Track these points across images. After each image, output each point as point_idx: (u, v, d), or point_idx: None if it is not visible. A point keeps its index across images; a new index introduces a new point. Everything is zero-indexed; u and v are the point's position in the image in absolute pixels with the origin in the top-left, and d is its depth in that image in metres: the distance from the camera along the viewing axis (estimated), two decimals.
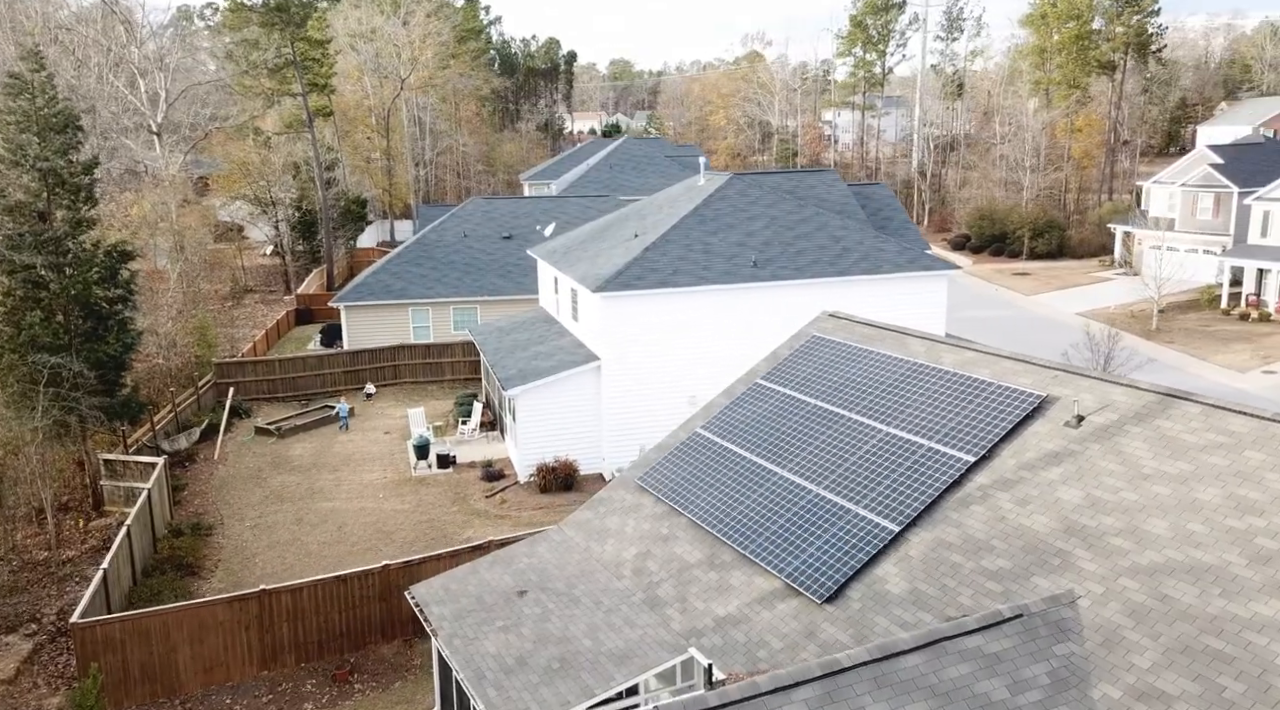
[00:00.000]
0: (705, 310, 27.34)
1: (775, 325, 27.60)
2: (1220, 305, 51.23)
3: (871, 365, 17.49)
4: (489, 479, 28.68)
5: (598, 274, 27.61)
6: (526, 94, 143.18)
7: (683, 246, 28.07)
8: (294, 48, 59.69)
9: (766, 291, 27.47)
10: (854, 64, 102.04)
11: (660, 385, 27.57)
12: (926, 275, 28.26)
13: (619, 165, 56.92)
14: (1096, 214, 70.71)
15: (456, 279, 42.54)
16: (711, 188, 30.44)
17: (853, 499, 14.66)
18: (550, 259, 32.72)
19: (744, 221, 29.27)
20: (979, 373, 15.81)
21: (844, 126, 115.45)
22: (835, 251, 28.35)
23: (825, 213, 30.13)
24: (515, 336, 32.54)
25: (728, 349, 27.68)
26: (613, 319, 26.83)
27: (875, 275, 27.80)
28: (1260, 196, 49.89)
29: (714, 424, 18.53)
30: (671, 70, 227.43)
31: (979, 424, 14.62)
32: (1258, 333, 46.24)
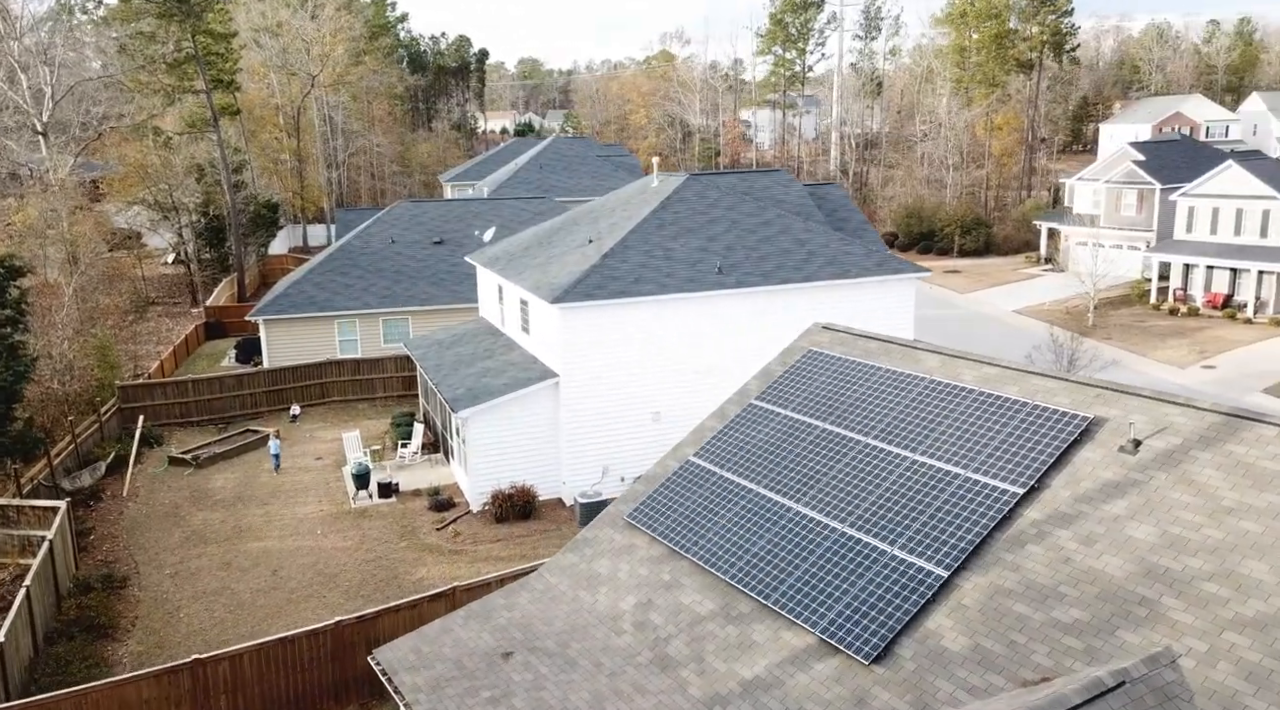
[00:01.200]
0: (670, 321, 25.63)
1: (744, 335, 26.12)
2: (1150, 300, 52.04)
3: (882, 383, 16.03)
4: (438, 509, 26.38)
5: (553, 283, 25.61)
6: (437, 93, 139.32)
7: (643, 253, 26.29)
8: (195, 41, 55.70)
9: (733, 299, 25.91)
10: (774, 62, 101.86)
11: (623, 402, 25.74)
12: (895, 278, 27.13)
13: (549, 165, 54.82)
14: (1020, 211, 71.67)
15: (385, 288, 39.85)
16: (668, 189, 28.74)
17: (886, 538, 13.12)
18: (493, 266, 30.54)
19: (705, 225, 27.66)
20: (1007, 391, 14.48)
21: (762, 125, 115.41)
22: (801, 256, 26.98)
23: (788, 215, 28.76)
24: (458, 351, 30.26)
25: (694, 361, 26.04)
26: (572, 332, 24.88)
27: (843, 280, 26.53)
28: (1185, 193, 50.82)
29: (709, 451, 16.82)
30: (582, 70, 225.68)
31: (1020, 450, 13.25)
32: (1189, 327, 46.97)
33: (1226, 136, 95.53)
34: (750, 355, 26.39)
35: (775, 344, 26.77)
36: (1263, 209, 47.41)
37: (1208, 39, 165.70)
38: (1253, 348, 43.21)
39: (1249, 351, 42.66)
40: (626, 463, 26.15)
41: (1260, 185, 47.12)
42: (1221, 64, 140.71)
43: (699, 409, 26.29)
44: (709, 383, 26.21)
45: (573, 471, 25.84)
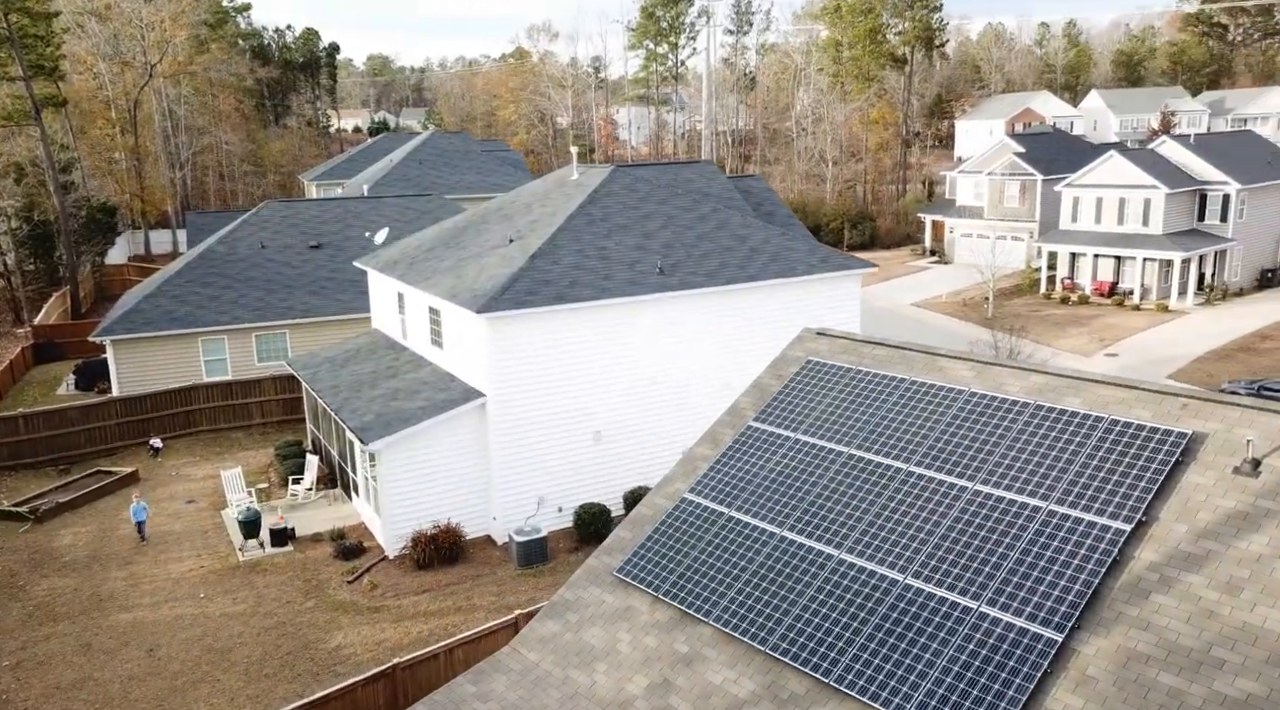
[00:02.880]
0: (611, 328, 22.81)
1: (692, 341, 23.62)
2: (1040, 289, 52.82)
3: (910, 398, 13.78)
4: (346, 556, 22.66)
5: (474, 289, 22.34)
6: (286, 89, 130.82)
7: (575, 253, 23.35)
8: (8, 21, 48.68)
9: (679, 302, 23.34)
10: (645, 56, 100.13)
11: (560, 422, 22.75)
12: (841, 275, 25.22)
13: (430, 161, 50.82)
14: (900, 205, 72.33)
15: (258, 299, 35.23)
16: (593, 182, 25.86)
17: (966, 591, 10.80)
18: (391, 272, 26.88)
19: (639, 221, 24.97)
20: (1068, 403, 12.47)
21: (635, 121, 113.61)
22: (743, 253, 24.68)
23: (724, 209, 26.43)
24: (355, 370, 26.46)
25: (639, 372, 23.33)
26: (501, 345, 21.70)
27: (790, 277, 24.39)
28: (1070, 183, 51.77)
29: (708, 486, 14.16)
30: (435, 67, 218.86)
31: (1108, 475, 11.20)
32: (1084, 315, 47.68)
33: (1071, 131, 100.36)
34: (700, 363, 23.92)
35: (726, 349, 24.48)
36: (1144, 198, 48.68)
37: (1040, 41, 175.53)
38: (1147, 334, 44.06)
39: (1144, 337, 43.45)
40: (565, 491, 23.20)
41: (1141, 175, 48.36)
42: (1059, 64, 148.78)
43: (646, 425, 23.61)
44: (657, 395, 23.58)
45: (505, 504, 22.66)
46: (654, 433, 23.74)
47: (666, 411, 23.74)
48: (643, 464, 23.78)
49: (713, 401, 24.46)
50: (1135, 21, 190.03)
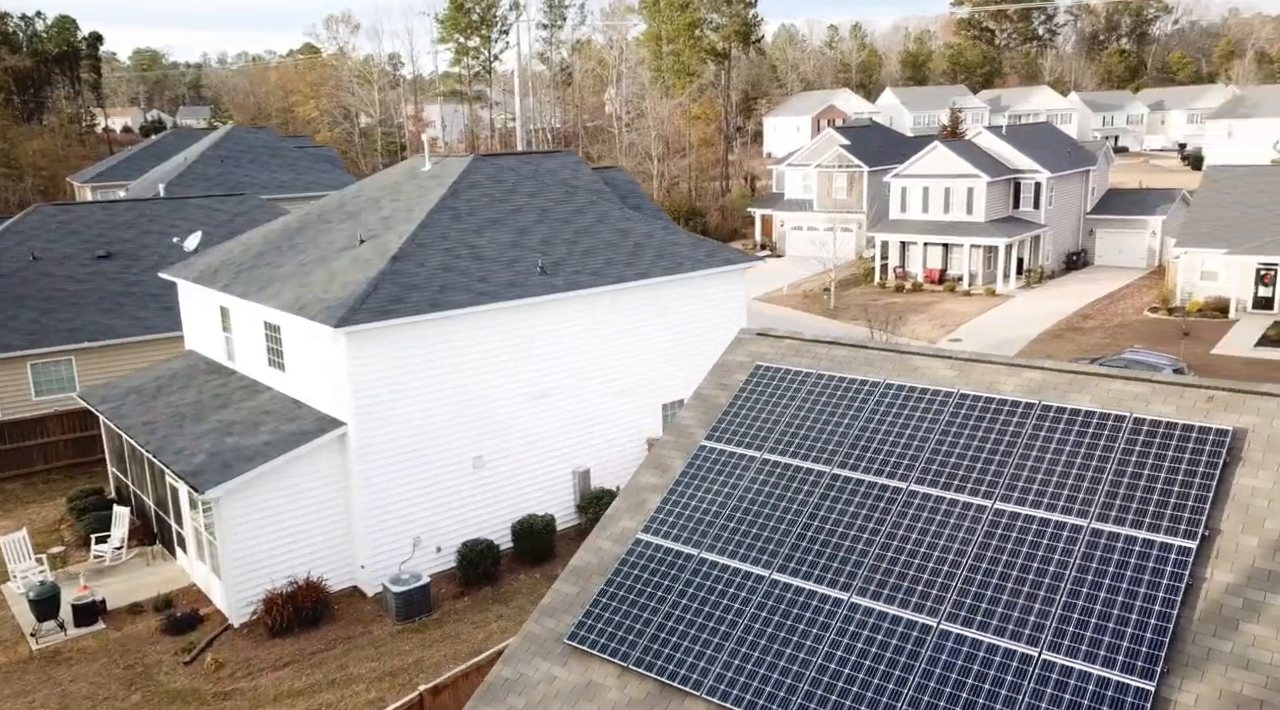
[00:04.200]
0: (492, 337, 20.01)
1: (583, 346, 21.21)
2: (875, 279, 53.88)
3: (889, 403, 12.05)
4: (178, 630, 18.66)
5: (325, 299, 18.91)
6: (40, 82, 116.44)
7: (443, 252, 20.34)
8: None
9: (566, 304, 20.84)
10: (456, 51, 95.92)
11: (437, 449, 19.74)
12: (729, 269, 23.56)
13: (233, 158, 45.34)
14: (728, 200, 72.53)
15: (31, 321, 29.52)
16: (452, 173, 22.83)
17: (1016, 635, 9.10)
18: (212, 282, 22.79)
19: (510, 215, 22.22)
20: (1077, 402, 11.10)
21: (447, 119, 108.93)
22: (628, 248, 22.50)
23: (601, 201, 24.13)
24: (172, 401, 22.21)
25: (523, 385, 20.65)
26: (364, 363, 18.43)
27: (678, 274, 22.45)
28: (898, 174, 53.05)
29: (664, 522, 11.87)
30: (214, 62, 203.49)
31: (1150, 483, 9.84)
32: (920, 302, 48.85)
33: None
34: (592, 371, 21.53)
35: (617, 354, 22.19)
36: (967, 187, 50.52)
37: (830, 43, 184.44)
38: (981, 318, 45.56)
39: (980, 321, 44.87)
40: (445, 528, 20.20)
41: (965, 164, 50.14)
42: (854, 63, 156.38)
43: (535, 445, 20.97)
44: (546, 410, 20.97)
45: (375, 549, 19.38)
46: (544, 452, 21.17)
47: (557, 428, 21.23)
48: (533, 489, 21.16)
49: (608, 413, 22.18)
50: (914, 25, 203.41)
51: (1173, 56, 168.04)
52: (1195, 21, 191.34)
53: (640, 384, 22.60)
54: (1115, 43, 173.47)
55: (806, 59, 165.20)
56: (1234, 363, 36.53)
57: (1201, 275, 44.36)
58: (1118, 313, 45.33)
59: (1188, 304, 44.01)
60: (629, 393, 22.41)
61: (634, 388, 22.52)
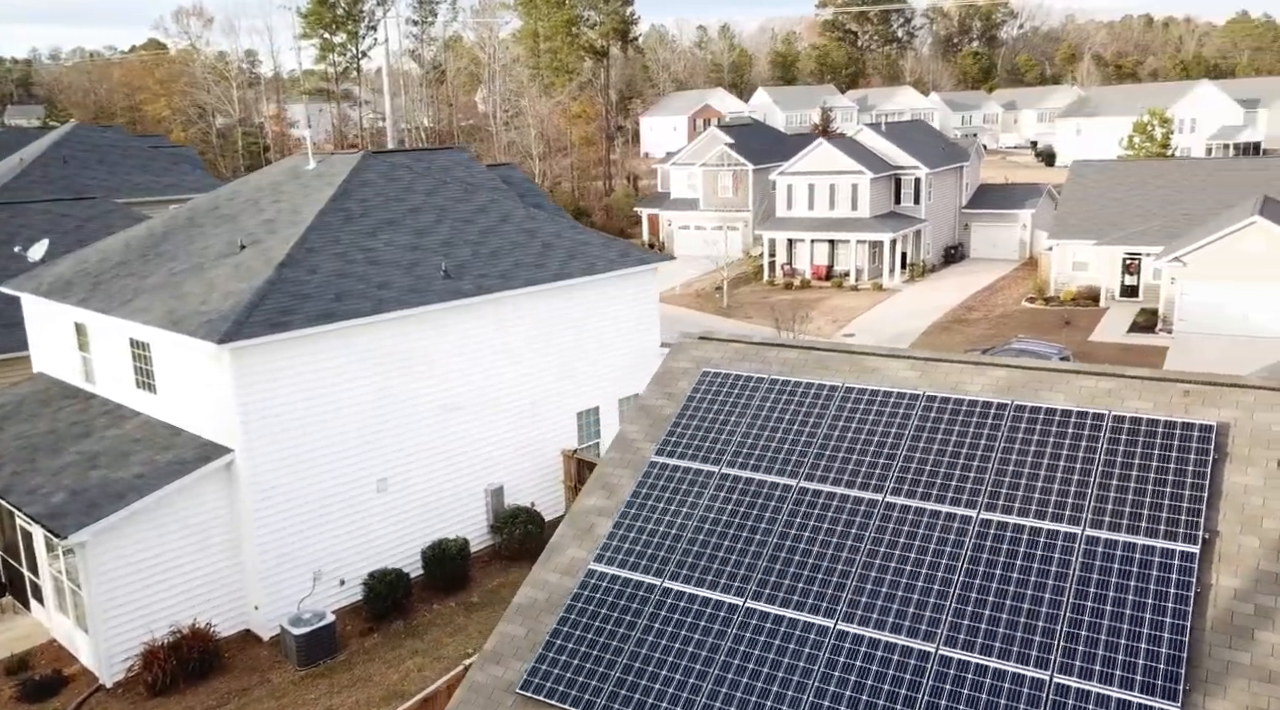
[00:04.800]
0: (395, 348, 18.37)
1: (495, 355, 19.83)
2: (764, 277, 54.04)
3: (851, 409, 11.31)
4: (36, 695, 16.28)
5: (204, 312, 16.88)
6: None
7: (336, 257, 18.54)
8: None
9: (475, 310, 19.38)
10: (321, 47, 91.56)
11: (336, 473, 17.98)
12: (642, 269, 22.58)
13: (78, 159, 41.29)
14: (613, 199, 71.74)
15: None
16: (341, 172, 20.96)
17: (1023, 657, 8.45)
18: (65, 296, 20.25)
19: (408, 216, 20.55)
20: (1051, 400, 10.61)
21: (313, 118, 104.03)
22: (536, 249, 21.20)
23: (503, 199, 22.71)
24: (21, 431, 19.59)
25: (431, 399, 19.10)
26: (253, 382, 16.52)
27: (592, 275, 21.31)
28: (784, 172, 53.37)
29: (618, 550, 10.78)
30: (46, 58, 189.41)
31: (1141, 485, 9.39)
32: (810, 299, 49.19)
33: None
34: (504, 381, 20.17)
35: (530, 362, 20.86)
36: (852, 183, 51.25)
37: (700, 43, 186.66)
38: (871, 312, 46.22)
39: (870, 316, 45.50)
40: (348, 558, 18.46)
41: (849, 161, 50.83)
42: (726, 63, 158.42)
43: (445, 463, 19.46)
44: (455, 425, 19.47)
45: (270, 587, 17.47)
46: (454, 470, 19.66)
47: (467, 443, 19.76)
48: (444, 511, 19.63)
49: (520, 425, 20.86)
50: (779, 26, 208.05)
51: (1020, 59, 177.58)
52: (1037, 27, 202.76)
53: (554, 392, 21.37)
54: (968, 45, 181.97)
55: (677, 59, 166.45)
56: (1111, 349, 38.06)
57: (1073, 266, 46.26)
58: (998, 304, 46.80)
59: (1062, 294, 45.81)
60: (542, 402, 21.14)
61: (547, 397, 21.27)
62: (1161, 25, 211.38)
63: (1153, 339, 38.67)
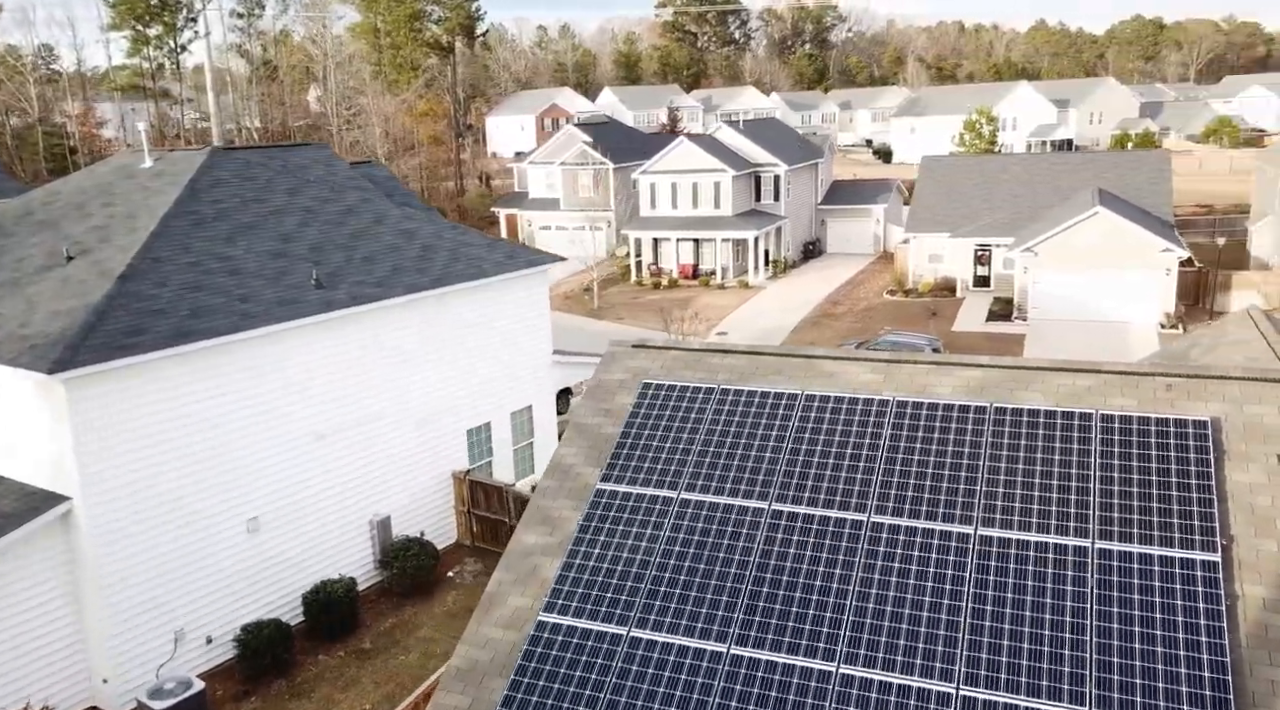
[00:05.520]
0: (261, 368, 16.07)
1: (378, 370, 17.84)
2: (632, 277, 53.16)
3: (814, 420, 10.30)
4: None
5: (28, 336, 14.14)
6: None
7: (188, 267, 16.05)
8: None
9: (349, 323, 17.27)
10: (133, 40, 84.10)
11: (198, 516, 15.56)
12: (533, 271, 21.00)
13: None
14: (467, 199, 69.23)
15: None
16: (186, 170, 18.29)
17: (1054, 694, 7.61)
18: None
19: (269, 218, 18.16)
20: (1029, 400, 9.92)
21: (126, 116, 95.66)
22: (415, 253, 19.26)
23: (375, 198, 20.57)
24: None
25: (307, 424, 16.92)
26: (94, 418, 13.95)
27: (479, 280, 19.57)
28: (646, 170, 52.65)
29: (571, 595, 9.37)
30: None
31: (1144, 489, 8.77)
32: (680, 298, 48.65)
33: None
34: (388, 400, 18.18)
35: (416, 378, 18.90)
36: (714, 181, 51.08)
37: (539, 43, 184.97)
38: (741, 310, 46.14)
39: (740, 314, 45.40)
40: (216, 613, 16.07)
41: (711, 159, 50.63)
42: (570, 63, 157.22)
43: (325, 496, 17.31)
44: (335, 452, 17.33)
45: (122, 655, 14.90)
46: (336, 503, 17.54)
47: (349, 471, 17.67)
48: (325, 549, 17.46)
49: (407, 447, 18.91)
50: (619, 27, 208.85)
51: (851, 61, 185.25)
52: (863, 31, 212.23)
53: (441, 410, 19.51)
54: (801, 47, 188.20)
55: (518, 59, 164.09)
56: (974, 337, 39.24)
57: (929, 258, 47.69)
58: (861, 297, 47.68)
59: (920, 285, 47.12)
60: (430, 421, 19.25)
61: (435, 414, 19.40)
62: (973, 31, 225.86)
63: (1010, 327, 40.16)
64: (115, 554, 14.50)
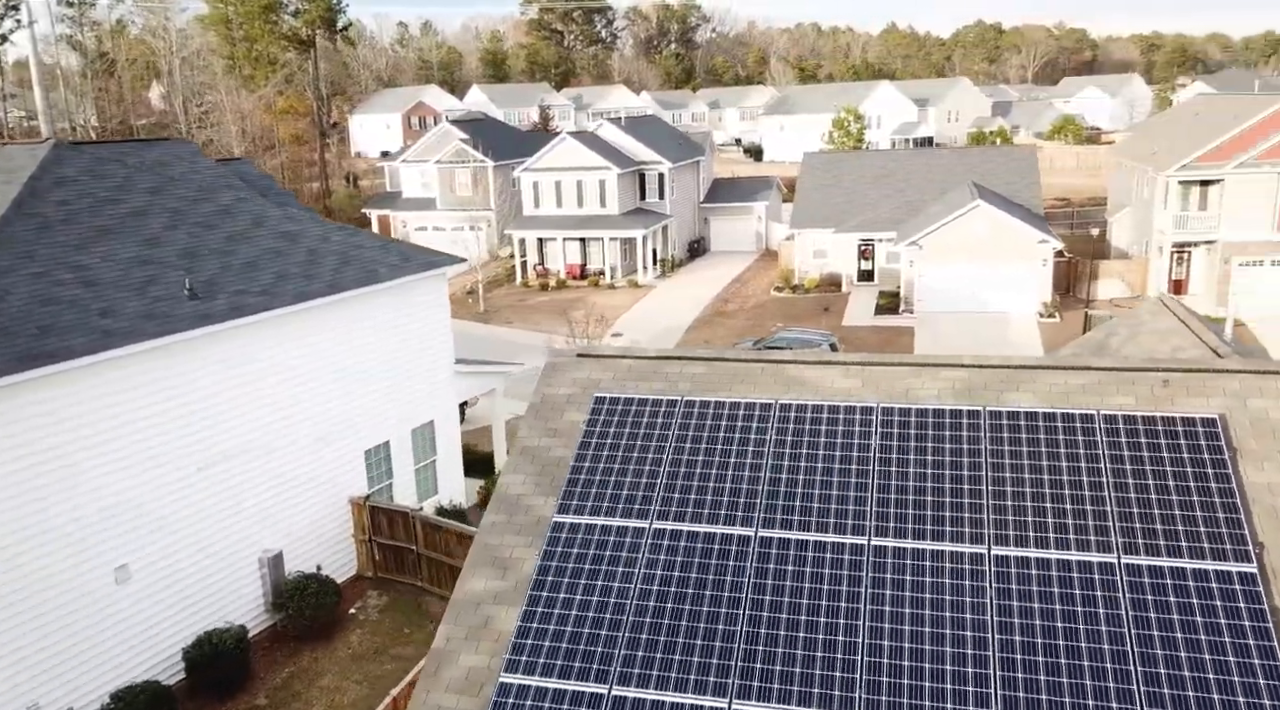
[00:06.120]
0: (127, 392, 13.88)
1: (258, 392, 15.88)
2: (518, 279, 51.43)
3: (791, 432, 9.32)
4: None
5: None
6: None
7: (34, 278, 13.68)
8: None
9: (229, 338, 15.21)
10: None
11: (51, 566, 13.30)
12: (431, 274, 19.30)
13: None
14: (335, 200, 65.78)
15: None
16: (26, 166, 15.69)
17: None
18: None
19: (130, 221, 15.83)
20: (1019, 402, 9.22)
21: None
22: (301, 257, 17.28)
23: (251, 198, 18.40)
24: None
25: (182, 458, 14.81)
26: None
27: (374, 284, 17.77)
28: (528, 168, 51.03)
29: (535, 649, 8.07)
30: None
31: (1162, 496, 8.14)
32: (570, 299, 47.31)
33: None
34: (278, 418, 16.24)
35: (309, 396, 16.95)
36: (599, 179, 49.95)
37: (400, 40, 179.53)
38: (634, 310, 45.22)
39: (634, 314, 44.48)
40: (80, 680, 13.81)
41: (595, 157, 49.45)
42: (435, 61, 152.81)
43: (209, 533, 15.26)
44: (219, 483, 15.26)
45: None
46: (220, 541, 15.47)
47: (235, 504, 15.62)
48: (209, 595, 15.37)
49: (298, 474, 16.97)
50: (483, 25, 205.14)
51: (717, 61, 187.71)
52: (725, 32, 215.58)
53: (336, 430, 17.63)
54: (668, 47, 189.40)
55: (379, 57, 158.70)
56: (865, 331, 39.58)
57: (814, 254, 47.99)
58: (750, 295, 47.56)
59: (806, 282, 47.35)
60: (324, 442, 17.35)
61: (329, 435, 17.50)
62: (830, 33, 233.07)
63: (899, 320, 40.72)
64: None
